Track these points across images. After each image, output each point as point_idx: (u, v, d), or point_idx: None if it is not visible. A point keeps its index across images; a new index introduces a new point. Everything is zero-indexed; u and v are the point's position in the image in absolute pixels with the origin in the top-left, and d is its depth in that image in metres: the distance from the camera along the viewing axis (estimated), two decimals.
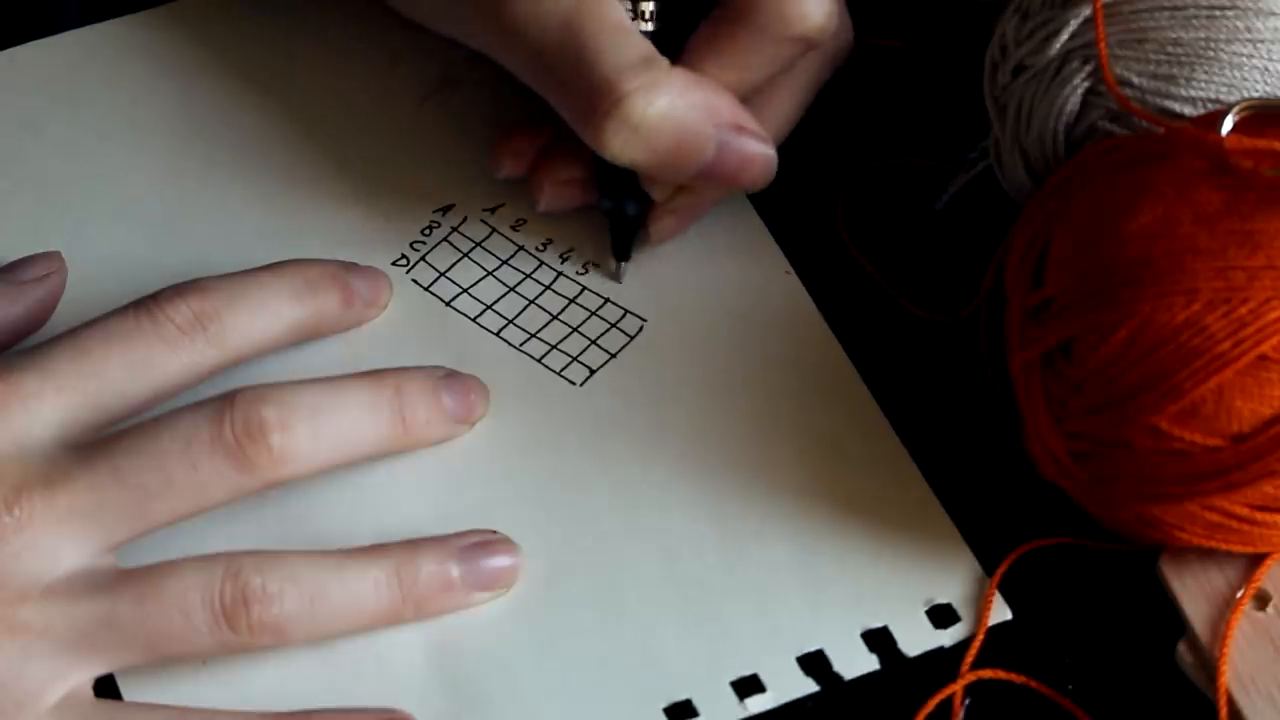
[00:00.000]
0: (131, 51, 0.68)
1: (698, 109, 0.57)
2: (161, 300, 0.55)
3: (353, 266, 0.60)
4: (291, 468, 0.53)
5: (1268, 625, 0.53)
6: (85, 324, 0.54)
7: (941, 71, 0.67)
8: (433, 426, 0.57)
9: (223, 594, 0.51)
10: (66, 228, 0.63)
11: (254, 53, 0.68)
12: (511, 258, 0.63)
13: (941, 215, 0.64)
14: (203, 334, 0.54)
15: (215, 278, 0.56)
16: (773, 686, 0.54)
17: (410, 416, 0.56)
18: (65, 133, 0.65)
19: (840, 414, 0.59)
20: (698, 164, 0.57)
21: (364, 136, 0.65)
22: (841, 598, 0.55)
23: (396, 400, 0.55)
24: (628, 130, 0.56)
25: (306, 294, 0.58)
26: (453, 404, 0.57)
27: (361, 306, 0.60)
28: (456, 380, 0.58)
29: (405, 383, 0.56)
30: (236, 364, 0.56)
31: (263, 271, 0.57)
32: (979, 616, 0.55)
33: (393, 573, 0.53)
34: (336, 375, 0.56)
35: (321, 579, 0.52)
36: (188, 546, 0.53)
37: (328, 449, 0.54)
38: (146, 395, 0.54)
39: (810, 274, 0.62)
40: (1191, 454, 0.51)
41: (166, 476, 0.52)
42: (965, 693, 0.53)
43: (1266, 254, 0.50)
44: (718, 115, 0.57)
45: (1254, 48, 0.56)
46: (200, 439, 0.52)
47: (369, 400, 0.55)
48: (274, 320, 0.57)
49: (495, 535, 0.55)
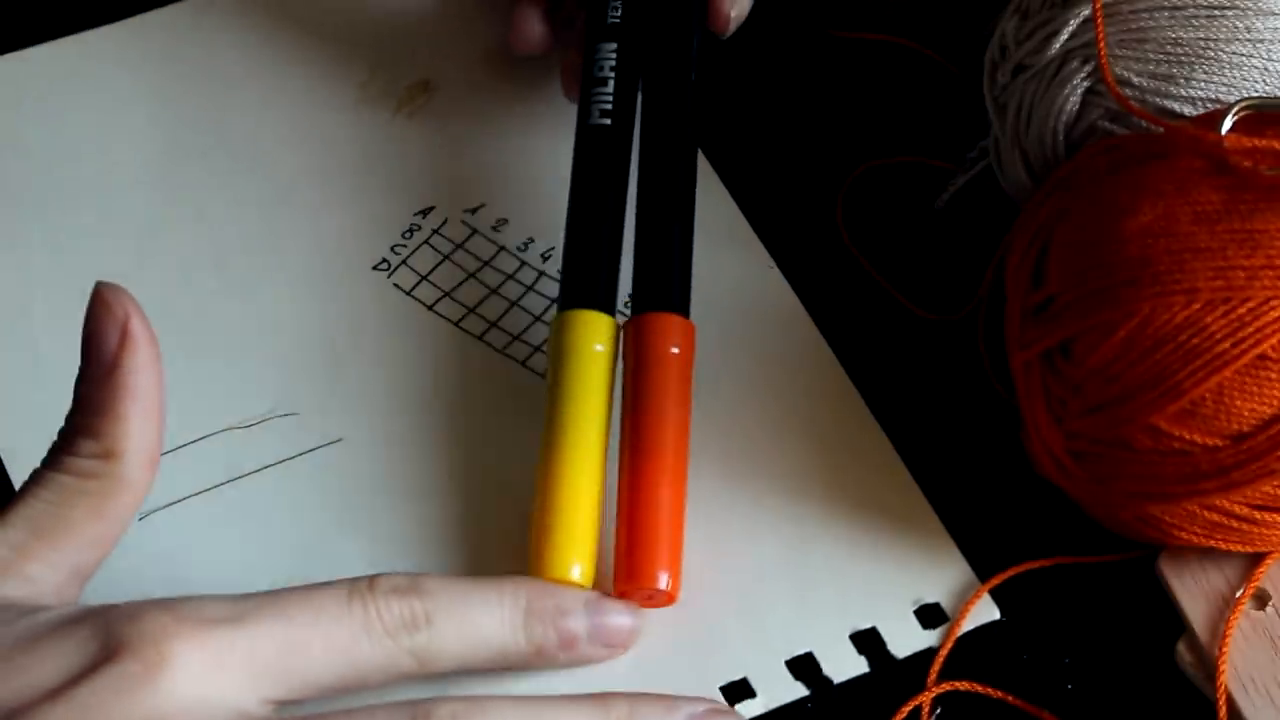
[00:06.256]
0: (110, 62, 0.68)
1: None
2: (378, 592, 0.50)
3: (601, 602, 0.53)
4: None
5: (1267, 625, 0.53)
6: (294, 589, 0.49)
7: (941, 71, 0.67)
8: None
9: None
10: (46, 239, 0.63)
11: (232, 61, 0.68)
12: (493, 258, 0.63)
13: (941, 215, 0.64)
14: (408, 640, 0.49)
15: (438, 579, 0.51)
16: (762, 691, 0.54)
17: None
18: (44, 144, 0.66)
19: (826, 411, 0.59)
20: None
21: (342, 141, 0.65)
22: (830, 599, 0.55)
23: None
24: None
25: (524, 626, 0.52)
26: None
27: (584, 649, 0.53)
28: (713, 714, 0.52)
29: (639, 706, 0.50)
30: (429, 678, 0.51)
31: (489, 588, 0.52)
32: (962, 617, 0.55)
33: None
34: (550, 696, 0.50)
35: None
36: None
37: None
38: (332, 684, 0.49)
39: (810, 274, 0.62)
40: (1191, 454, 0.51)
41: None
42: (934, 702, 0.53)
43: (1266, 254, 0.50)
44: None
45: (1254, 48, 0.56)
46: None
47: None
48: (481, 646, 0.51)
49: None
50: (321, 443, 0.59)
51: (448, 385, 0.60)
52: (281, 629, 0.48)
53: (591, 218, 0.58)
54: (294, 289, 0.62)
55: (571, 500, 0.54)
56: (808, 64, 0.68)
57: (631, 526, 0.54)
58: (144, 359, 0.49)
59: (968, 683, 0.53)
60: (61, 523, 0.49)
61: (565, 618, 0.52)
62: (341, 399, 0.59)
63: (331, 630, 0.49)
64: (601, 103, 0.60)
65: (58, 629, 0.47)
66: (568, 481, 0.54)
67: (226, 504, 0.57)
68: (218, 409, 0.59)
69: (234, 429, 0.59)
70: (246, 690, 0.47)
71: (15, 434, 0.59)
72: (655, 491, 0.55)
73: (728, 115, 0.66)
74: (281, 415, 0.59)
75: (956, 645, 0.54)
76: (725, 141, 0.65)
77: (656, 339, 0.56)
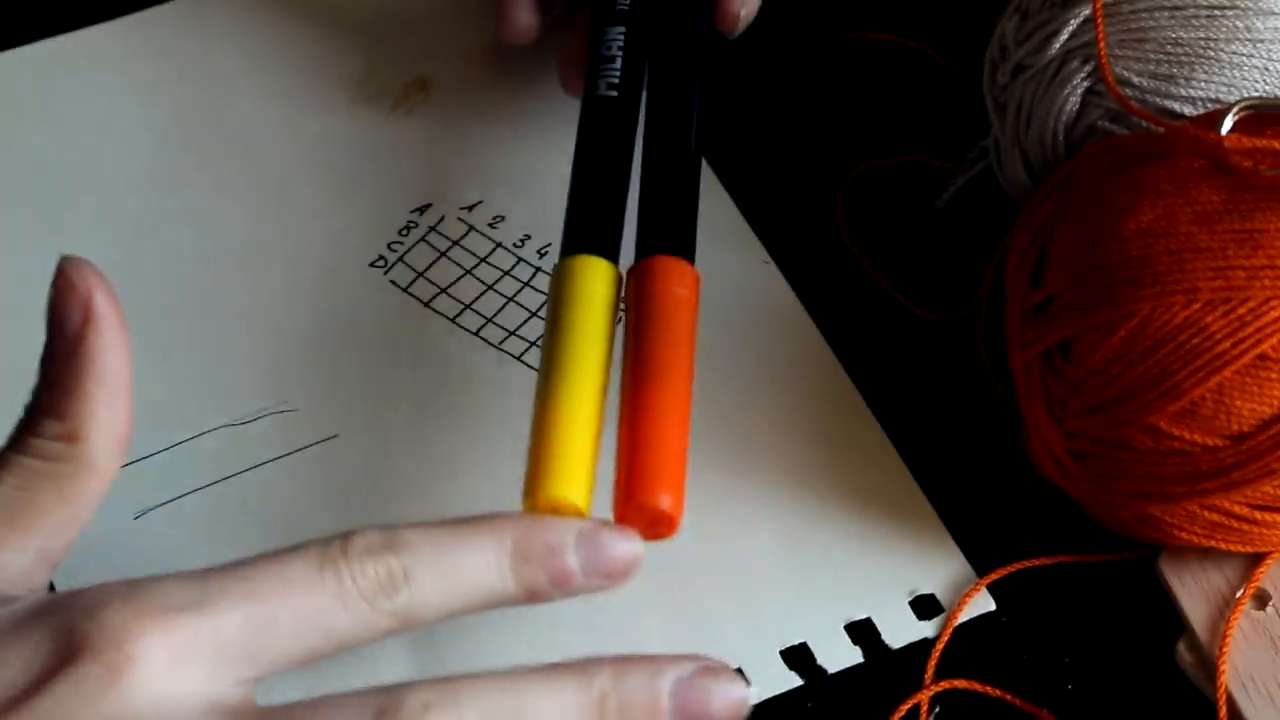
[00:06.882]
0: (106, 60, 0.68)
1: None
2: (351, 556, 0.46)
3: (597, 532, 0.49)
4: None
5: (1267, 625, 0.53)
6: (260, 560, 0.46)
7: (941, 71, 0.67)
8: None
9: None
10: (41, 236, 0.63)
11: (228, 59, 0.68)
12: (490, 255, 0.63)
13: (941, 215, 0.64)
14: (387, 603, 0.46)
15: (416, 530, 0.47)
16: (756, 681, 0.53)
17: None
18: (39, 142, 0.65)
19: (822, 403, 0.59)
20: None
21: (339, 139, 0.65)
22: (824, 589, 0.55)
23: (613, 700, 0.46)
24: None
25: (512, 569, 0.48)
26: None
27: (580, 582, 0.48)
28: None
29: (624, 673, 0.46)
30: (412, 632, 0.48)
31: (470, 528, 0.48)
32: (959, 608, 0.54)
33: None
34: (529, 666, 0.46)
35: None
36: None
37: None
38: (307, 656, 0.46)
39: (810, 273, 0.62)
40: (1191, 454, 0.51)
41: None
42: (933, 701, 0.53)
43: (1266, 254, 0.50)
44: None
45: (1254, 48, 0.56)
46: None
47: (577, 700, 0.45)
48: (467, 597, 0.47)
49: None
50: (317, 439, 0.58)
51: (444, 381, 0.60)
52: (249, 608, 0.45)
53: (596, 173, 0.57)
54: (291, 285, 0.62)
55: (568, 423, 0.51)
56: (807, 64, 0.68)
57: (633, 447, 0.51)
58: (110, 339, 0.47)
59: (966, 681, 0.53)
60: (27, 507, 0.47)
61: (557, 554, 0.48)
62: (338, 395, 0.59)
63: (302, 604, 0.45)
64: (609, 77, 0.60)
65: (17, 628, 0.45)
66: (565, 406, 0.51)
67: (222, 501, 0.57)
68: (213, 405, 0.59)
69: (230, 425, 0.59)
70: (216, 677, 0.45)
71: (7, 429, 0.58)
72: (660, 413, 0.51)
73: (727, 115, 0.66)
74: (277, 412, 0.59)
75: (955, 644, 0.54)
76: (725, 141, 0.65)
77: (663, 281, 0.54)
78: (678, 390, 0.52)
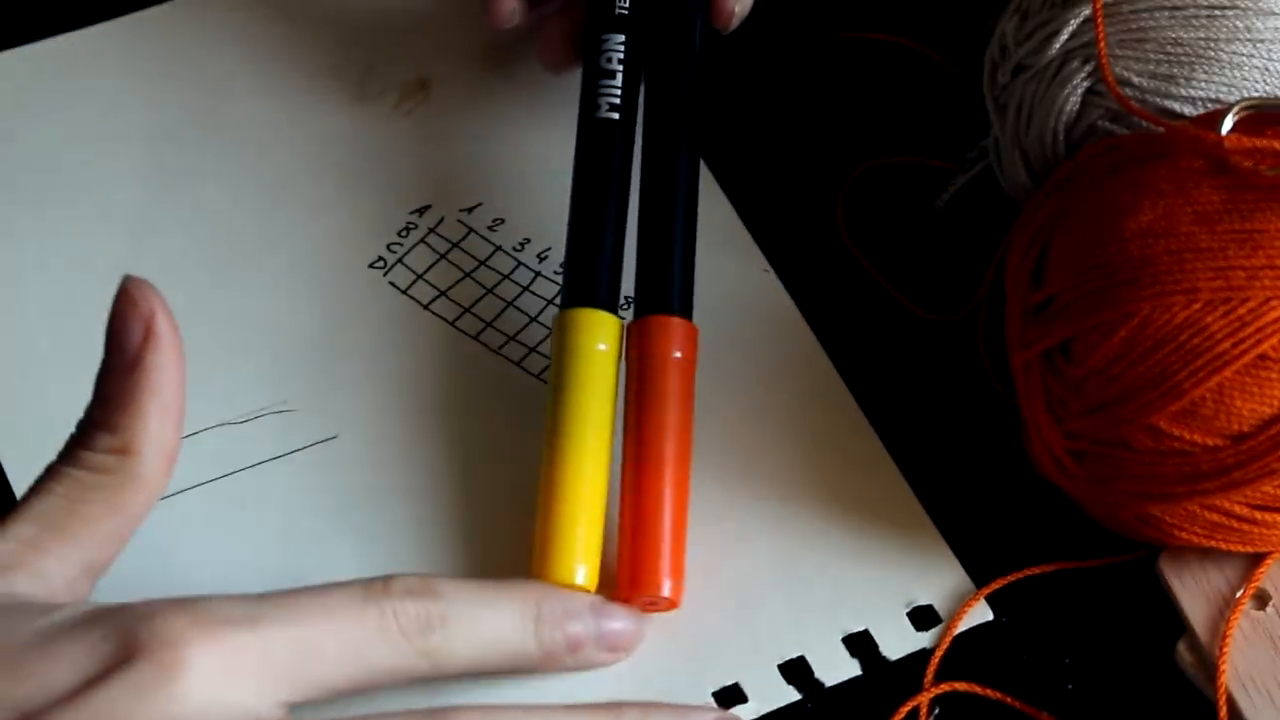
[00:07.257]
0: (106, 59, 0.68)
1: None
2: (393, 594, 0.49)
3: (606, 607, 0.53)
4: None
5: (1267, 625, 0.53)
6: (308, 590, 0.49)
7: (941, 71, 0.67)
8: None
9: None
10: (40, 235, 0.63)
11: (228, 59, 0.67)
12: (489, 258, 0.62)
13: (941, 215, 0.64)
14: (423, 642, 0.49)
15: (450, 582, 0.50)
16: (754, 696, 0.53)
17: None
18: (40, 141, 0.65)
19: (820, 414, 0.59)
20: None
21: (339, 139, 0.65)
22: (822, 602, 0.55)
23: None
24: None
25: (535, 630, 0.52)
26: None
27: (590, 653, 0.53)
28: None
29: (651, 717, 0.51)
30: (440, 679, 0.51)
31: (500, 591, 0.52)
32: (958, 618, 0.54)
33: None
34: (560, 705, 0.51)
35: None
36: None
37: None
38: (345, 686, 0.49)
39: (810, 274, 0.62)
40: (1191, 454, 0.51)
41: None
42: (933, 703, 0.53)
43: (1266, 254, 0.50)
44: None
45: (1254, 48, 0.56)
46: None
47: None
48: (494, 649, 0.51)
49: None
50: (316, 439, 0.58)
51: (442, 384, 0.60)
52: (296, 631, 0.48)
53: (596, 215, 0.58)
54: (289, 285, 0.62)
55: (576, 503, 0.54)
56: (807, 64, 0.68)
57: (635, 535, 0.54)
58: (167, 357, 0.49)
59: (966, 683, 0.53)
60: (75, 518, 0.48)
61: (573, 621, 0.52)
62: (336, 396, 0.59)
63: (347, 632, 0.48)
64: (609, 95, 0.60)
65: (71, 629, 0.46)
66: (572, 484, 0.54)
67: (219, 499, 0.57)
68: (212, 404, 0.59)
69: (228, 424, 0.59)
70: (261, 693, 0.47)
71: (7, 427, 0.58)
72: (658, 500, 0.54)
73: (727, 115, 0.66)
74: (276, 411, 0.59)
75: (955, 646, 0.54)
76: (725, 142, 0.65)
77: (660, 344, 0.56)
78: (676, 470, 0.55)
